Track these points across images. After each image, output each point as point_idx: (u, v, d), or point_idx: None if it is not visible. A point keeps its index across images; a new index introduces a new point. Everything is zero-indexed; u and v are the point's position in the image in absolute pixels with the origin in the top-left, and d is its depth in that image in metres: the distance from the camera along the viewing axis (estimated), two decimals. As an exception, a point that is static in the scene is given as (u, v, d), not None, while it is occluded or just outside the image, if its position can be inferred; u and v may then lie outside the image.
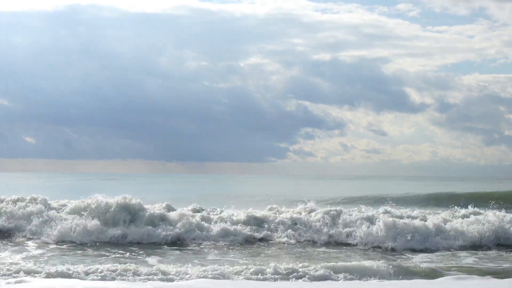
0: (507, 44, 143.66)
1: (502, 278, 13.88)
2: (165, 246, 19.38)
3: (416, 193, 41.91)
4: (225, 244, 19.72)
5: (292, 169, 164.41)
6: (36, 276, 12.98)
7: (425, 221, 21.84)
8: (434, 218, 22.33)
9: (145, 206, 22.66)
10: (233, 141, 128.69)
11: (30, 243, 19.33)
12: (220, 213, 23.52)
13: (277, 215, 22.91)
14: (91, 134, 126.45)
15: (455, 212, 24.18)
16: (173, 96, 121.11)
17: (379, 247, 19.66)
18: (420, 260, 17.07)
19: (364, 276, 14.11)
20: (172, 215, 22.12)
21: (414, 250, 19.33)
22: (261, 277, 13.76)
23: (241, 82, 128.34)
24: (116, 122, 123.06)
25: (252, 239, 20.61)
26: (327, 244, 20.37)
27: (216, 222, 21.92)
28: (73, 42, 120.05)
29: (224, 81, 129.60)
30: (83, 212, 21.62)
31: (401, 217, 22.20)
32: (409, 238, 20.06)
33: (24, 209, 22.11)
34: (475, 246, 20.04)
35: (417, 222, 21.36)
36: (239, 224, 21.63)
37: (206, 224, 21.46)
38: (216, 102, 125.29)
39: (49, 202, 23.63)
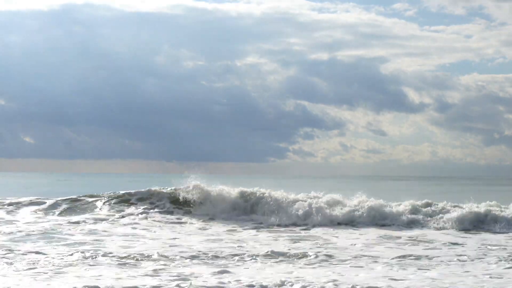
0: (505, 44, 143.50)
1: None
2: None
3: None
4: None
5: (292, 169, 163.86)
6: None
7: None
8: None
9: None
10: (232, 141, 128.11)
11: None
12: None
13: None
14: (90, 134, 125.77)
15: None
16: (171, 95, 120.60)
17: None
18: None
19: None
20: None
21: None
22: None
23: (239, 81, 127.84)
24: (114, 122, 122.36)
25: None
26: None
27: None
28: (69, 42, 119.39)
29: (221, 81, 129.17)
30: None
31: None
32: None
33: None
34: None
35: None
36: None
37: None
38: (214, 102, 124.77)
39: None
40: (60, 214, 24.28)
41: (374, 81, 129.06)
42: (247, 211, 24.01)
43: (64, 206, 25.63)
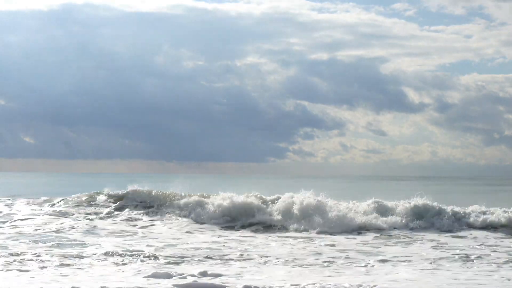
0: (505, 44, 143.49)
1: None
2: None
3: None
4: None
5: (292, 169, 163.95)
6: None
7: None
8: None
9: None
10: (232, 141, 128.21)
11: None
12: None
13: None
14: (90, 134, 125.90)
15: None
16: (171, 95, 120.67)
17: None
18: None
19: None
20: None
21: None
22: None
23: (239, 81, 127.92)
24: (114, 122, 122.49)
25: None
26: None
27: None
28: (69, 42, 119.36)
29: (221, 81, 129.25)
30: None
31: None
32: None
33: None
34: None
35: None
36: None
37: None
38: (214, 102, 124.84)
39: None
40: (52, 212, 24.21)
41: (374, 81, 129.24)
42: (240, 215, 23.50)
43: (58, 204, 25.74)
